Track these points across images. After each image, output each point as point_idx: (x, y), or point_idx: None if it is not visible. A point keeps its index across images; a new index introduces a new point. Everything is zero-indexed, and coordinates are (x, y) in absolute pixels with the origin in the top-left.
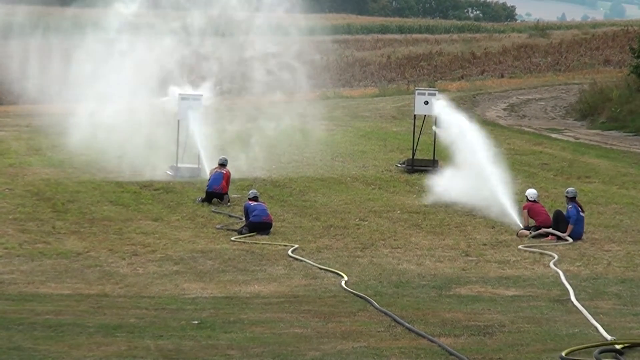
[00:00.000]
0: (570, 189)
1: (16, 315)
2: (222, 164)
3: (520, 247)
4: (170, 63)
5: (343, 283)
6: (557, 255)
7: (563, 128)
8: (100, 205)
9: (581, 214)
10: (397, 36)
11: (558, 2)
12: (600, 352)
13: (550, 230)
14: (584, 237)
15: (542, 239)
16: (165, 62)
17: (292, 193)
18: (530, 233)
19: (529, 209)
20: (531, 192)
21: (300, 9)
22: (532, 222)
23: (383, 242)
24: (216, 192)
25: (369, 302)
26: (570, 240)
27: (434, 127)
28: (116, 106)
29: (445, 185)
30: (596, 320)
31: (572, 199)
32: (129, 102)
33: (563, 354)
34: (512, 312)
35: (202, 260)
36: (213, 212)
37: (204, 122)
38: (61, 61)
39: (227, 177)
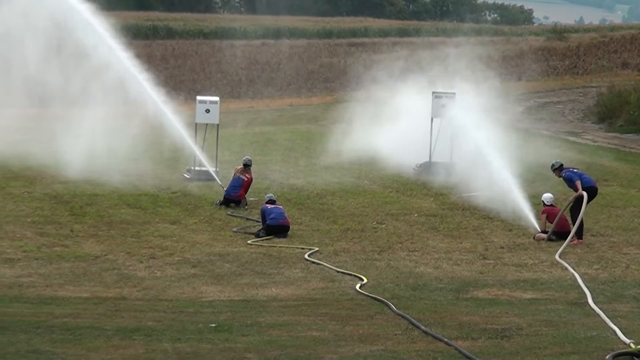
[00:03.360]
0: (555, 161)
1: (34, 319)
2: (246, 164)
3: (557, 257)
4: None
5: (358, 287)
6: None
7: (581, 131)
8: (118, 208)
9: (576, 170)
10: (415, 39)
11: (576, 5)
12: (615, 357)
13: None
14: (601, 238)
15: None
16: None
17: (310, 196)
18: (550, 236)
19: (548, 213)
20: (547, 197)
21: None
22: (549, 226)
23: (400, 245)
24: (233, 199)
25: (386, 305)
26: (585, 194)
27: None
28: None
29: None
30: (614, 324)
31: (559, 168)
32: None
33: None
34: (529, 315)
35: (219, 263)
36: (230, 215)
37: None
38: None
39: (246, 185)
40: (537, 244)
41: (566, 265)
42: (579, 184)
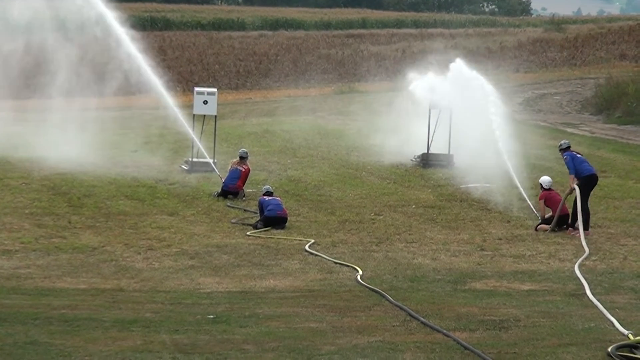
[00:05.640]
0: (563, 141)
1: (32, 310)
2: (242, 157)
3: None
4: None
5: (358, 277)
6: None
7: (579, 122)
8: (116, 199)
9: (578, 155)
10: (412, 31)
11: None
12: (617, 348)
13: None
14: (599, 230)
15: (567, 231)
16: None
17: (308, 187)
18: (553, 227)
19: (545, 198)
20: (545, 180)
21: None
22: (548, 211)
23: (398, 237)
24: (231, 190)
25: (384, 296)
26: (577, 188)
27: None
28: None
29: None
30: (612, 315)
31: (566, 149)
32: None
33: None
34: (527, 307)
35: (217, 254)
36: (228, 206)
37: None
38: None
39: (244, 176)
40: (535, 235)
41: (582, 280)
42: (572, 179)
